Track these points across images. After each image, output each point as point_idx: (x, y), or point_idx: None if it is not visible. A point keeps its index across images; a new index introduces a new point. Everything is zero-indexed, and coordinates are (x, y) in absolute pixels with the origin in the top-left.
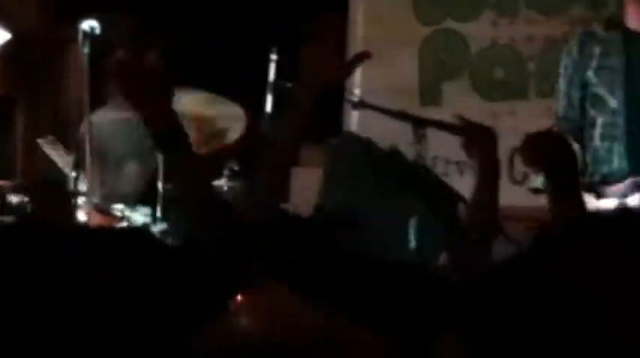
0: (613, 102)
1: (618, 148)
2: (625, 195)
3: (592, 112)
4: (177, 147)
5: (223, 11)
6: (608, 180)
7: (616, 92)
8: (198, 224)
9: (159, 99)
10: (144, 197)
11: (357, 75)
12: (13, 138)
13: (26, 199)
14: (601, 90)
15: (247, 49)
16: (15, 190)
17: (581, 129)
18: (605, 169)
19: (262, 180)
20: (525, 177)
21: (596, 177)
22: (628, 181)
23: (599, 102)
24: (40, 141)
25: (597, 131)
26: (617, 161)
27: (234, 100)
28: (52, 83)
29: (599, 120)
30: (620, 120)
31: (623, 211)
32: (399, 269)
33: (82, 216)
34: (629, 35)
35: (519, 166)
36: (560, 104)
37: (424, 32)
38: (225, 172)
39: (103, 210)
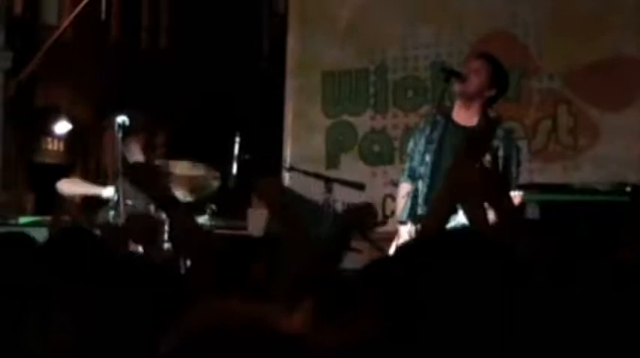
0: (427, 158)
1: (422, 187)
2: None
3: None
4: (174, 209)
5: (202, 110)
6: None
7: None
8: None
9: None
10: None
11: (288, 150)
12: None
13: None
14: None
15: (220, 133)
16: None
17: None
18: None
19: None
20: (392, 213)
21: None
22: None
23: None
24: None
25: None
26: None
27: (212, 166)
28: (97, 155)
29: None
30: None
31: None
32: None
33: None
34: (450, 122)
35: (390, 206)
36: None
37: (328, 123)
38: (208, 212)
39: None
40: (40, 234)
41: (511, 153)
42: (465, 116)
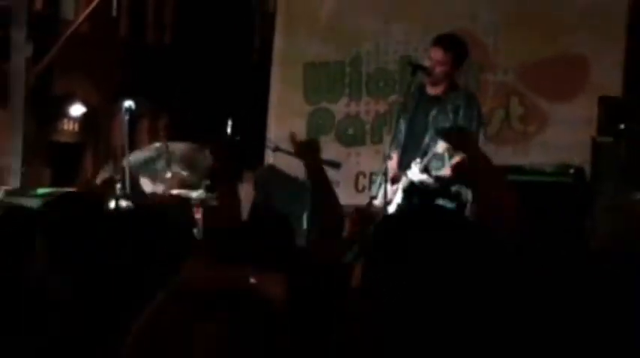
0: (403, 127)
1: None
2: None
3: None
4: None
5: (200, 97)
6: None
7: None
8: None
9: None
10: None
11: (272, 133)
12: (84, 167)
13: None
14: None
15: (215, 117)
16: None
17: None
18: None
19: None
20: (364, 188)
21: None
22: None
23: (399, 132)
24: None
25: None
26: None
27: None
28: (106, 136)
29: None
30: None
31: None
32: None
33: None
34: (421, 95)
35: (361, 182)
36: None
37: (309, 109)
38: (203, 187)
39: None
40: None
41: (472, 113)
42: (434, 89)
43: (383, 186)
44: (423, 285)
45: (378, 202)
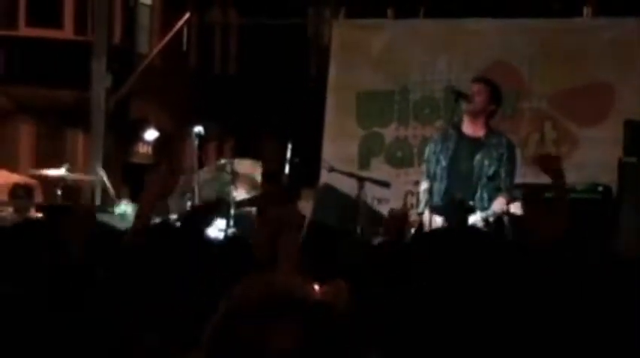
0: (444, 163)
1: (439, 185)
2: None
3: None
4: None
5: (262, 122)
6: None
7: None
8: None
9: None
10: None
11: (327, 155)
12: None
13: None
14: (442, 160)
15: (276, 141)
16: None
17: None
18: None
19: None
20: (412, 205)
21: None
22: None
23: (439, 164)
24: None
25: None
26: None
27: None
28: (177, 157)
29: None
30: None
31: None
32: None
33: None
34: (460, 134)
35: (409, 200)
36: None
37: (361, 133)
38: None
39: None
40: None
41: (515, 157)
42: (472, 129)
43: (428, 202)
44: (454, 296)
45: (425, 217)
